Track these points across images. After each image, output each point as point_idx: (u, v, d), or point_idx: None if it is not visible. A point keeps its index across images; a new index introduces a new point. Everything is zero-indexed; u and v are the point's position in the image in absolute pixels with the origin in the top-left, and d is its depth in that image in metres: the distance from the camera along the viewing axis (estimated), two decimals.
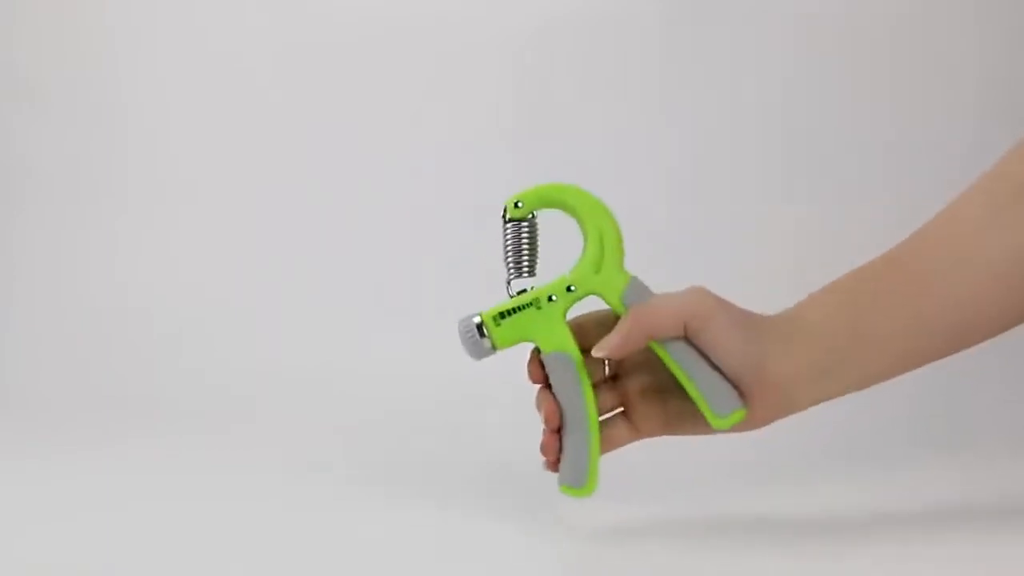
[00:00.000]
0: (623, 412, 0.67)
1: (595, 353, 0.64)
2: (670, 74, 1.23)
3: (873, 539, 0.66)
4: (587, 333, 0.66)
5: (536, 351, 0.66)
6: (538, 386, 0.66)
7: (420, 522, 0.70)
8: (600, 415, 0.66)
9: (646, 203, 1.14)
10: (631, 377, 0.67)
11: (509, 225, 0.66)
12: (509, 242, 0.66)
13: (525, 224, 0.66)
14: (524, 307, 0.65)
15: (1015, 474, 0.81)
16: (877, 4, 1.20)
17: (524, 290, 0.66)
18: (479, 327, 0.65)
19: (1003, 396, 1.04)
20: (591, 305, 0.67)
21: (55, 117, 1.28)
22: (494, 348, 0.66)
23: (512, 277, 0.66)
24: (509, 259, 0.66)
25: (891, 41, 1.21)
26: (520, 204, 0.66)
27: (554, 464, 0.66)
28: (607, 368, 0.68)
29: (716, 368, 0.64)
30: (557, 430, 0.65)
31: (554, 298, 0.65)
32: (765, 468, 0.83)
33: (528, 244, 0.66)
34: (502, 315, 0.65)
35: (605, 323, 0.66)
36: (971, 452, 0.89)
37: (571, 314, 0.66)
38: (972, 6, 1.20)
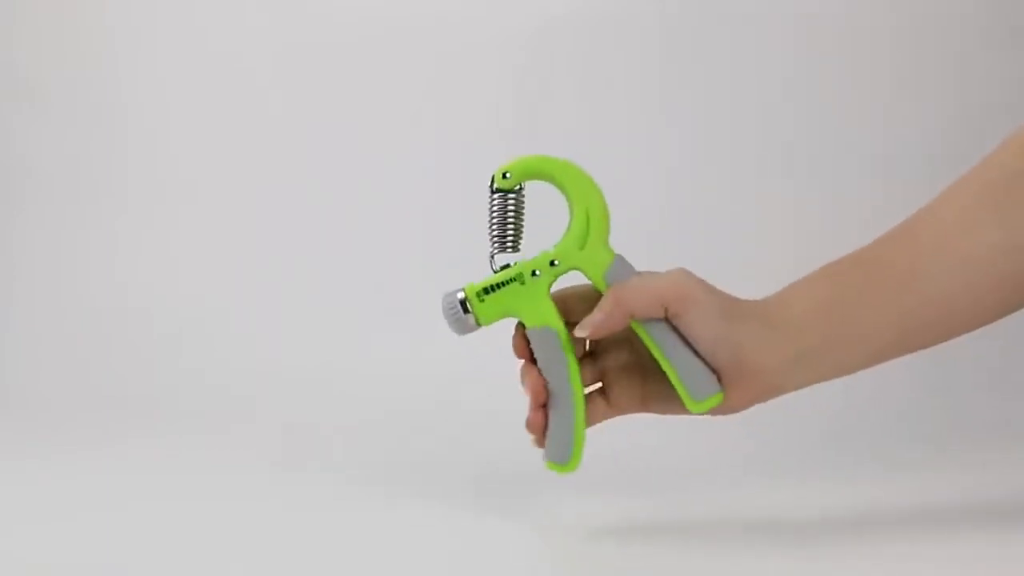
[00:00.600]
0: (600, 388, 0.66)
1: (577, 333, 0.63)
2: (670, 74, 1.23)
3: (873, 538, 0.65)
4: (570, 308, 0.65)
5: (520, 326, 0.65)
6: (522, 361, 0.65)
7: (420, 522, 0.70)
8: None
9: (646, 202, 1.14)
10: (611, 353, 0.66)
11: (496, 196, 0.64)
12: (495, 214, 0.64)
13: (512, 196, 0.64)
14: (508, 282, 0.64)
15: (1015, 472, 0.81)
16: (877, 4, 1.20)
17: (507, 265, 0.65)
18: (463, 303, 0.64)
19: (1003, 393, 1.04)
20: (574, 279, 0.66)
21: (55, 117, 1.28)
22: (478, 324, 0.65)
23: (496, 252, 0.65)
24: (494, 232, 0.64)
25: (891, 41, 1.21)
26: (508, 175, 0.64)
27: (541, 441, 0.65)
28: (587, 343, 0.67)
29: (695, 351, 0.63)
30: (543, 406, 0.64)
31: (538, 273, 0.64)
32: (765, 466, 0.83)
33: (513, 218, 0.64)
34: (486, 290, 0.64)
35: (588, 298, 0.65)
36: (971, 450, 0.89)
37: (554, 288, 0.65)
38: (971, 6, 1.20)
